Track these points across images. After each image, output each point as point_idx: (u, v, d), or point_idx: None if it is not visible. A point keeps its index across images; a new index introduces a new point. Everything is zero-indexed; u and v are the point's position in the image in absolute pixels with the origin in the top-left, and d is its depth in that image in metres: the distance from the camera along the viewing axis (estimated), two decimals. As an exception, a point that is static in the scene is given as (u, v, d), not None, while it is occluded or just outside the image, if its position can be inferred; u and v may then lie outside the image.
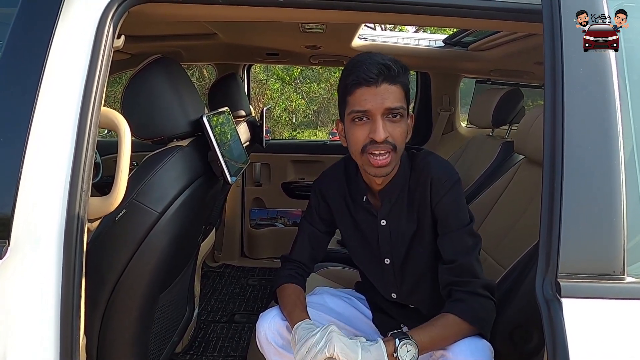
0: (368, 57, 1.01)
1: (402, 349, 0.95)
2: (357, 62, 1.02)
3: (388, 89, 1.00)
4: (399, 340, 0.95)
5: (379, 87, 0.99)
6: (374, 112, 1.00)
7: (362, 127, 1.02)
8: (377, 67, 0.99)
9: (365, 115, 1.01)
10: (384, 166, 1.03)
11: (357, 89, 1.01)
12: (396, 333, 0.98)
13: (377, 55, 1.02)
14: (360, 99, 1.01)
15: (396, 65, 1.01)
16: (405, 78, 1.04)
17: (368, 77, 0.99)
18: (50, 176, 0.84)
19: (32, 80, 0.85)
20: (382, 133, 0.99)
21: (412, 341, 0.96)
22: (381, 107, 1.00)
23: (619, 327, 0.73)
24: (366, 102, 1.00)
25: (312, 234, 1.25)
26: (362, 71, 0.99)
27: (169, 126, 1.20)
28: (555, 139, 0.76)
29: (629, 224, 0.74)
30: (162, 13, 1.10)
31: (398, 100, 1.01)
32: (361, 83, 1.00)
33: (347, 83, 1.03)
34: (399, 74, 1.01)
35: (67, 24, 0.88)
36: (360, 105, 1.01)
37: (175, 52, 2.38)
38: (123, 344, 1.16)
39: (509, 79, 2.81)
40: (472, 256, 1.07)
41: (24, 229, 0.83)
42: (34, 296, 0.83)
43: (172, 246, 1.14)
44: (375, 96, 0.99)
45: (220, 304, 2.39)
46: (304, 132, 8.64)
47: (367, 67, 0.99)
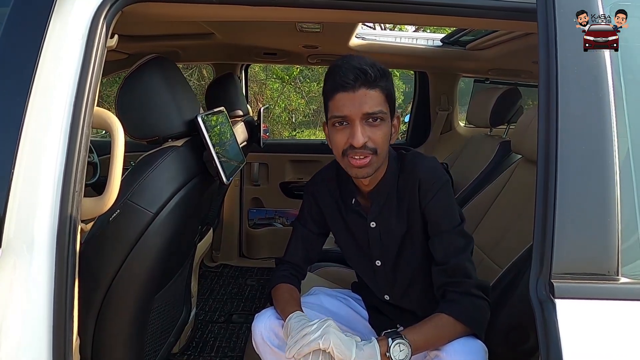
0: (346, 62, 1.01)
1: (395, 349, 0.95)
2: (335, 67, 1.02)
3: (366, 94, 1.00)
4: (392, 340, 0.95)
5: (356, 92, 0.99)
6: (352, 117, 1.00)
7: (342, 132, 1.03)
8: (354, 72, 0.98)
9: (344, 120, 1.02)
10: (364, 166, 1.03)
11: (336, 94, 1.01)
12: (390, 332, 0.98)
13: (355, 60, 1.01)
14: (339, 104, 1.01)
15: (373, 69, 1.00)
16: (385, 81, 1.02)
17: (344, 83, 0.99)
18: (42, 177, 0.84)
19: (24, 80, 0.84)
20: (360, 138, 1.00)
21: (405, 341, 0.96)
22: (359, 112, 0.99)
23: (613, 328, 0.73)
24: (344, 107, 1.00)
25: (305, 236, 1.25)
26: (339, 77, 1.00)
27: (163, 126, 1.20)
28: (549, 139, 0.76)
29: (624, 224, 0.73)
30: (156, 13, 1.09)
31: (377, 105, 1.00)
32: (339, 88, 1.00)
33: (326, 88, 1.04)
34: (377, 78, 1.00)
35: (59, 23, 0.87)
36: (339, 111, 1.01)
37: (172, 51, 2.37)
38: (118, 344, 1.16)
39: (508, 78, 2.81)
40: (464, 256, 1.07)
41: (15, 231, 0.82)
42: (27, 298, 0.83)
43: (166, 247, 1.13)
44: (352, 101, 0.99)
45: (218, 304, 2.38)
46: (303, 132, 8.64)
47: (343, 73, 0.99)
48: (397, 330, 1.00)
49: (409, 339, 0.96)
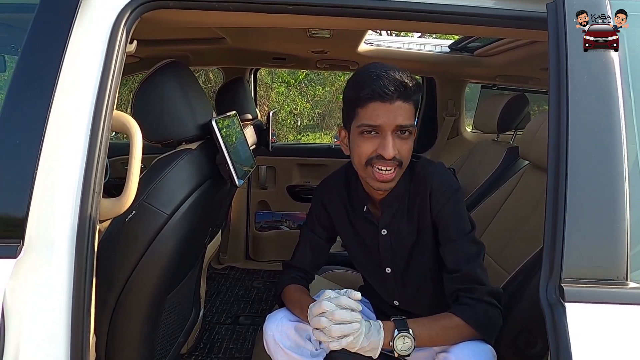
0: (385, 72, 0.99)
1: (399, 340, 0.96)
2: (372, 74, 0.99)
3: (402, 107, 0.99)
4: (397, 331, 0.96)
5: (393, 104, 0.98)
6: (385, 128, 1.00)
7: (371, 141, 1.01)
8: (395, 84, 0.97)
9: (375, 129, 1.01)
10: (389, 181, 1.03)
11: (371, 103, 0.99)
12: (398, 320, 0.99)
13: (394, 71, 1.00)
14: (373, 114, 0.99)
15: (412, 83, 1.00)
16: (418, 96, 1.03)
17: (384, 93, 0.97)
18: (64, 178, 0.86)
19: (47, 84, 0.86)
20: (391, 150, 0.99)
21: (411, 334, 0.96)
22: (393, 124, 0.99)
23: (622, 333, 0.74)
24: (378, 117, 0.99)
25: (313, 241, 1.26)
26: (378, 86, 0.97)
27: (178, 129, 1.22)
28: (560, 145, 0.77)
29: (633, 230, 0.74)
30: (174, 19, 1.12)
31: (409, 118, 1.01)
32: (376, 97, 0.98)
33: (360, 95, 1.00)
34: (414, 92, 1.00)
35: (82, 29, 0.90)
36: (372, 120, 1.00)
37: (183, 56, 2.40)
38: (131, 344, 1.18)
39: (515, 85, 2.82)
40: (476, 264, 1.07)
41: (37, 229, 0.84)
42: (46, 295, 0.85)
43: (180, 247, 1.15)
44: (388, 112, 0.98)
45: (225, 306, 2.40)
46: (308, 136, 8.65)
47: (383, 83, 0.97)
48: (405, 319, 1.01)
49: (415, 333, 0.97)
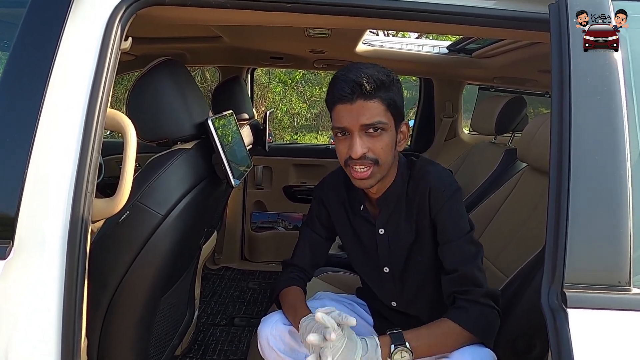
0: (343, 74, 1.01)
1: (397, 356, 0.95)
2: (335, 78, 1.03)
3: (363, 105, 0.99)
4: (394, 347, 0.96)
5: (353, 104, 1.00)
6: (350, 128, 1.01)
7: (344, 142, 1.04)
8: (350, 85, 0.99)
9: (345, 130, 1.02)
10: (365, 179, 1.04)
11: (336, 106, 1.02)
12: (394, 334, 0.98)
13: (353, 71, 1.00)
14: (339, 116, 1.02)
15: (370, 81, 0.98)
16: (384, 91, 1.01)
17: (341, 96, 1.00)
18: (55, 177, 0.84)
19: (39, 81, 0.85)
20: (358, 150, 1.00)
21: (408, 348, 0.96)
22: (357, 124, 1.00)
23: (625, 339, 0.73)
24: (343, 118, 1.01)
25: (313, 240, 1.25)
26: (337, 89, 1.01)
27: (173, 128, 1.20)
28: (562, 148, 0.76)
29: (635, 235, 0.73)
30: (170, 16, 1.10)
31: (375, 115, 1.00)
32: (337, 100, 1.01)
33: (327, 100, 1.05)
34: (374, 90, 0.99)
35: (75, 26, 0.88)
36: (339, 122, 1.02)
37: (179, 54, 2.38)
38: (124, 346, 1.16)
39: (513, 86, 2.82)
40: (474, 265, 1.06)
41: (28, 230, 0.82)
42: (37, 297, 0.83)
43: (174, 248, 1.13)
44: (350, 112, 1.00)
45: (220, 307, 2.38)
46: (305, 136, 8.65)
47: (340, 85, 1.00)
48: (401, 331, 0.99)
49: (412, 346, 0.96)
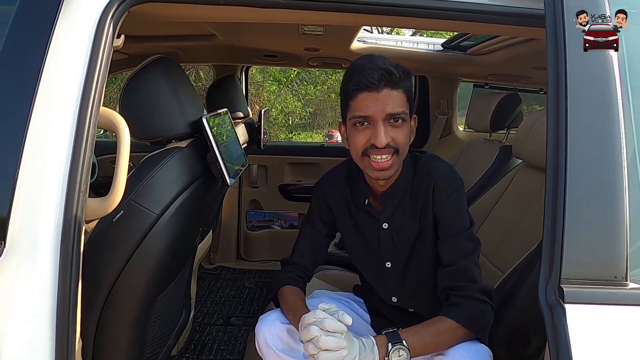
0: (370, 62, 1.00)
1: (394, 354, 0.95)
2: (358, 66, 1.01)
3: (390, 94, 0.99)
4: (391, 345, 0.96)
5: (380, 93, 0.99)
6: (375, 117, 1.00)
7: (364, 132, 1.02)
8: (379, 73, 0.98)
9: (367, 120, 1.01)
10: (386, 169, 1.03)
11: (359, 94, 1.00)
12: (390, 333, 0.98)
13: (379, 60, 1.01)
14: (362, 104, 1.00)
15: (398, 70, 1.00)
16: (407, 82, 1.03)
17: (369, 83, 0.98)
18: (48, 177, 0.83)
19: (30, 79, 0.83)
20: (383, 139, 0.99)
21: (405, 346, 0.96)
22: (382, 112, 0.99)
23: (622, 334, 0.73)
24: (367, 107, 1.00)
25: (313, 237, 1.25)
26: (363, 76, 0.99)
27: (167, 127, 1.19)
28: (559, 145, 0.76)
29: (632, 230, 0.73)
30: (163, 13, 1.09)
31: (400, 105, 1.01)
32: (362, 88, 0.99)
33: (348, 87, 1.02)
34: (401, 79, 1.00)
35: (66, 23, 0.87)
36: (362, 111, 1.01)
37: (173, 52, 2.37)
38: (119, 347, 1.15)
39: (507, 84, 2.82)
40: (471, 260, 1.07)
41: (20, 230, 0.81)
42: (30, 298, 0.82)
43: (170, 248, 1.12)
44: (376, 102, 0.99)
45: (216, 307, 2.37)
46: (299, 134, 8.65)
47: (368, 72, 0.98)
48: (397, 330, 0.99)
49: (408, 344, 0.96)
